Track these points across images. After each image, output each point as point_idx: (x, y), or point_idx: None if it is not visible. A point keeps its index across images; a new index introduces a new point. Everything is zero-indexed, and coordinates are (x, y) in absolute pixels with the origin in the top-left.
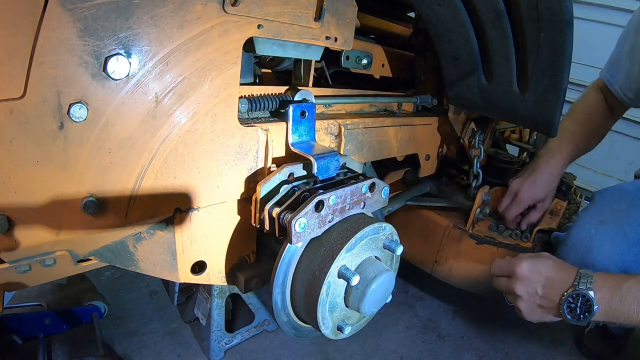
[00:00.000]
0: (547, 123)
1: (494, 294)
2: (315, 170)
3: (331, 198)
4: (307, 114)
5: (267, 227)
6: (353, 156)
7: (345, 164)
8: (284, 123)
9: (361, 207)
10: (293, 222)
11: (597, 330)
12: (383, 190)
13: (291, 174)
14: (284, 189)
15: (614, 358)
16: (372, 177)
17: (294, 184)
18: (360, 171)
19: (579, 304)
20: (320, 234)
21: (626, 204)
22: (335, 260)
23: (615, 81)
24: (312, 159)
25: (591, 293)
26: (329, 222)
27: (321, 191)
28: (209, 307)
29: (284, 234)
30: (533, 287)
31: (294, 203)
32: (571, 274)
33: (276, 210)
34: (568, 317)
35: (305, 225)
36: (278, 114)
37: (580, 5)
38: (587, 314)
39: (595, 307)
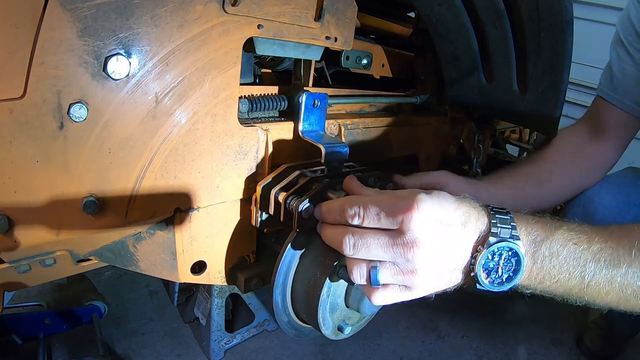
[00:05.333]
0: (547, 123)
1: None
2: (323, 159)
3: (338, 186)
4: (318, 104)
5: (271, 211)
6: (353, 156)
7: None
8: (284, 123)
9: None
10: (301, 206)
11: (597, 330)
12: (387, 186)
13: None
14: (292, 175)
15: (614, 358)
16: (376, 170)
17: (302, 170)
18: None
19: (502, 263)
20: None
21: (634, 176)
22: (336, 260)
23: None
24: (321, 147)
25: (516, 244)
26: None
27: (329, 179)
28: (209, 307)
29: (288, 220)
30: (439, 244)
31: (301, 189)
32: (482, 216)
33: (282, 195)
34: (485, 283)
35: (311, 211)
36: (279, 114)
37: (580, 5)
38: (512, 278)
39: (522, 267)
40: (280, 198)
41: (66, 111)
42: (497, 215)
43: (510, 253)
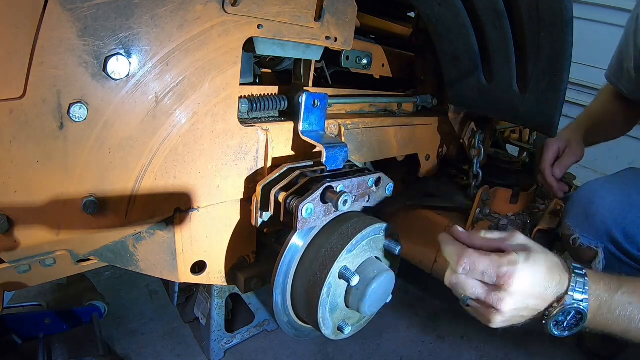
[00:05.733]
0: (547, 123)
1: None
2: (324, 159)
3: (339, 187)
4: (318, 104)
5: (271, 211)
6: (353, 156)
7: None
8: (285, 123)
9: (366, 200)
10: (300, 207)
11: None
12: (388, 186)
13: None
14: (292, 175)
15: (614, 358)
16: (377, 172)
17: (302, 170)
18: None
19: (568, 318)
20: (324, 223)
21: (635, 176)
22: (336, 261)
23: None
24: (322, 147)
25: (585, 306)
26: (334, 211)
27: (329, 179)
28: (209, 307)
29: (289, 220)
30: (525, 302)
31: (301, 189)
32: (564, 279)
33: (282, 195)
34: (554, 331)
35: (311, 211)
36: (279, 114)
37: (580, 5)
38: (574, 328)
39: (585, 321)
40: (280, 198)
41: (66, 111)
42: (577, 279)
43: (578, 312)
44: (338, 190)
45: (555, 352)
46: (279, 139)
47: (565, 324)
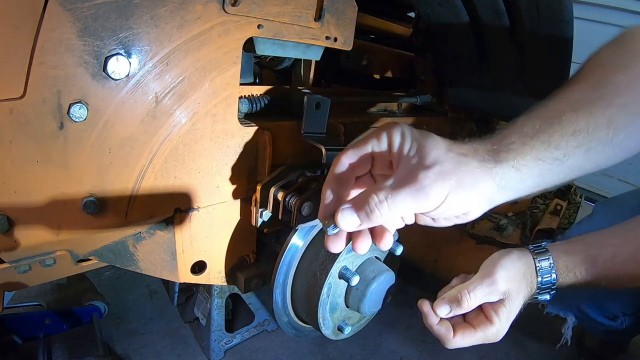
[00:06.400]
0: None
1: None
2: (324, 160)
3: None
4: (321, 107)
5: (270, 209)
6: None
7: None
8: (285, 123)
9: None
10: (300, 204)
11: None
12: None
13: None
14: (291, 175)
15: (614, 358)
16: None
17: (302, 170)
18: None
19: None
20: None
21: (628, 215)
22: (336, 261)
23: None
24: (322, 148)
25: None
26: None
27: None
28: (209, 307)
29: (288, 218)
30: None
31: (301, 188)
32: (533, 285)
33: (282, 194)
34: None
35: (311, 210)
36: (280, 114)
37: (580, 5)
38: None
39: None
40: (280, 196)
41: (66, 111)
42: (540, 288)
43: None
44: None
45: (555, 353)
46: (279, 139)
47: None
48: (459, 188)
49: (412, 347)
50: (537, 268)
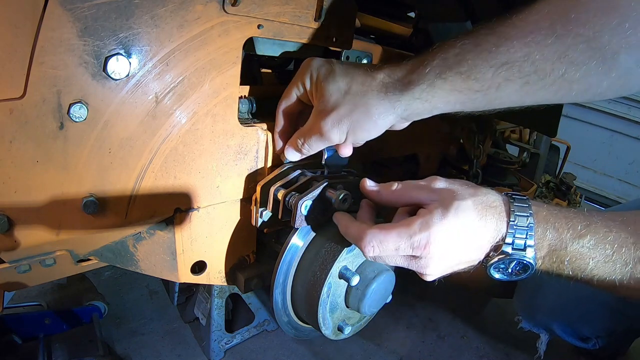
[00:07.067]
0: (547, 123)
1: (492, 293)
2: (324, 160)
3: (339, 185)
4: None
5: (270, 208)
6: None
7: None
8: None
9: None
10: (300, 203)
11: None
12: None
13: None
14: (292, 174)
15: (614, 359)
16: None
17: (302, 170)
18: None
19: (512, 266)
20: (323, 222)
21: None
22: (337, 261)
23: None
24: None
25: (530, 257)
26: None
27: (328, 179)
28: (209, 307)
29: (287, 217)
30: (454, 260)
31: (301, 187)
32: (501, 224)
33: (282, 192)
34: (494, 275)
35: (311, 209)
36: None
37: None
38: (521, 274)
39: (534, 270)
40: (280, 195)
41: (66, 111)
42: (517, 224)
43: (520, 262)
44: (338, 189)
45: (555, 353)
46: None
47: (509, 269)
48: (355, 128)
49: (412, 347)
50: (511, 210)
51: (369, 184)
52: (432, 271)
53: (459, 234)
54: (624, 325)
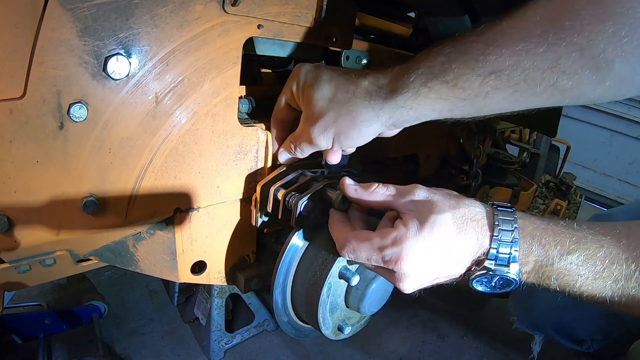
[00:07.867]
0: (547, 123)
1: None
2: (324, 161)
3: (338, 186)
4: None
5: (269, 208)
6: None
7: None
8: None
9: None
10: (300, 203)
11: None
12: None
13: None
14: (292, 174)
15: (614, 359)
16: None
17: (302, 170)
18: None
19: (495, 280)
20: (323, 222)
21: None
22: (337, 260)
23: None
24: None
25: (511, 273)
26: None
27: (328, 179)
28: (209, 307)
29: (287, 217)
30: (431, 276)
31: (301, 187)
32: (483, 238)
33: (282, 192)
34: (477, 288)
35: (311, 209)
36: None
37: None
38: (505, 288)
39: (518, 285)
40: (280, 195)
41: (66, 111)
42: (500, 238)
43: (502, 278)
44: (338, 189)
45: (555, 353)
46: None
47: (492, 283)
48: (340, 135)
49: (412, 347)
50: (495, 223)
51: (348, 182)
52: (407, 286)
53: (436, 250)
54: (622, 328)
